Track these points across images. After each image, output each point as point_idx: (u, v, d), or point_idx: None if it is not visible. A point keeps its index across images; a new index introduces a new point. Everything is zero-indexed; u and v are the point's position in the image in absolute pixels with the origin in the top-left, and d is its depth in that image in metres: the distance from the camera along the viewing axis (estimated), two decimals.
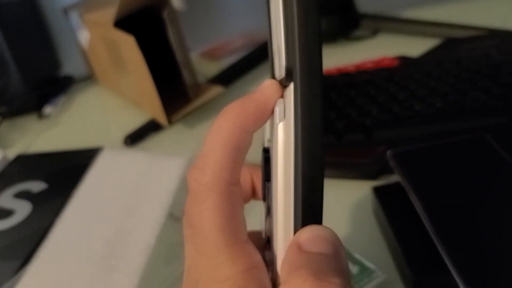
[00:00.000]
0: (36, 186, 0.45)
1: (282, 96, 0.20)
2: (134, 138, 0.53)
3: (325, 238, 0.18)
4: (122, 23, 0.51)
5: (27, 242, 0.38)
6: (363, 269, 0.33)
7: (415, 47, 0.58)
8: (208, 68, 0.68)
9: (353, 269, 0.33)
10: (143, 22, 0.55)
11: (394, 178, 0.37)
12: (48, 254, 0.33)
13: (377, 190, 0.36)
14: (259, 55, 0.64)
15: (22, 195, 0.44)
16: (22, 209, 0.42)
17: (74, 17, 0.64)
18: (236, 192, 0.19)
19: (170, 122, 0.53)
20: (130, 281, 0.29)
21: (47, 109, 0.64)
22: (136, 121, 0.56)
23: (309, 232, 0.18)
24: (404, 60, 0.54)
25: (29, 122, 0.64)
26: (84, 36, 0.64)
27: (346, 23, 0.65)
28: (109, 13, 0.53)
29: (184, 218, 0.20)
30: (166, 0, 0.53)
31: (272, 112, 0.20)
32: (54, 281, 0.31)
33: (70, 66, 0.75)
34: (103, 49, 0.59)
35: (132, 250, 0.32)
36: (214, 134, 0.20)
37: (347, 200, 0.40)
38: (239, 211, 0.20)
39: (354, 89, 0.50)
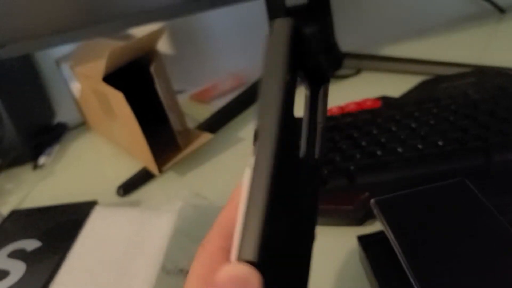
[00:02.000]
0: (30, 244, 0.46)
1: None
2: (127, 188, 0.54)
3: (234, 278, 0.19)
4: (110, 75, 0.53)
5: None
6: None
7: (397, 84, 0.60)
8: (198, 111, 0.70)
9: None
10: (131, 71, 0.57)
11: (378, 224, 0.38)
12: None
13: (362, 239, 0.37)
14: (248, 98, 0.66)
15: (16, 254, 0.45)
16: (17, 270, 0.43)
17: (65, 68, 0.66)
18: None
19: (160, 171, 0.54)
20: None
21: (42, 160, 0.65)
22: (128, 169, 0.58)
23: (223, 271, 0.19)
24: (386, 101, 0.56)
25: (24, 173, 0.65)
26: (75, 87, 0.66)
27: (330, 63, 0.67)
28: (98, 66, 0.55)
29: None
30: (154, 53, 0.55)
31: None
32: None
33: (64, 114, 0.77)
34: (94, 100, 0.61)
35: None
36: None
37: (334, 247, 0.41)
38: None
39: (338, 133, 0.51)
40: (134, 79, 0.55)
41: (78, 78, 0.62)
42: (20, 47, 0.56)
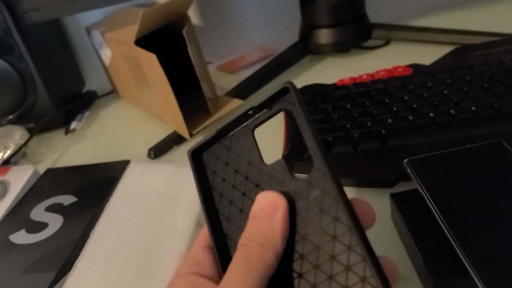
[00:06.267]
0: (66, 199, 0.47)
1: None
2: (157, 151, 0.55)
3: (266, 204, 0.24)
4: (142, 40, 0.53)
5: (60, 253, 0.40)
6: None
7: (427, 55, 0.59)
8: (225, 81, 0.70)
9: None
10: (163, 38, 0.57)
11: (411, 185, 0.38)
12: (86, 264, 0.35)
13: (395, 197, 0.38)
14: (275, 67, 0.66)
15: (54, 208, 0.46)
16: (55, 222, 0.44)
17: (95, 35, 0.67)
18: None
19: (191, 134, 0.55)
20: (165, 286, 0.31)
21: (73, 125, 0.67)
22: (158, 133, 0.59)
23: (257, 200, 0.25)
24: (417, 68, 0.55)
25: (56, 137, 0.67)
26: (106, 53, 0.66)
27: (359, 33, 0.67)
28: (130, 31, 0.55)
29: None
30: (186, 18, 0.55)
31: None
32: None
33: (93, 82, 0.78)
34: (125, 66, 0.62)
35: (165, 257, 0.33)
36: None
37: None
38: None
39: (369, 98, 0.51)
40: (165, 48, 0.55)
41: (109, 44, 0.63)
42: (53, 10, 0.57)
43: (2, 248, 0.42)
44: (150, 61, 0.51)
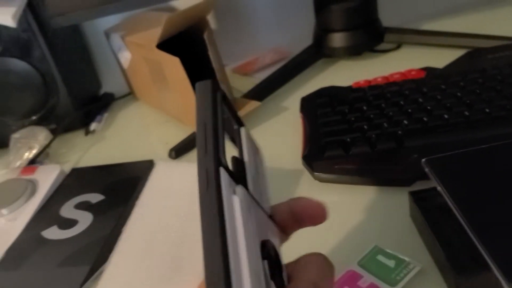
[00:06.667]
0: (94, 197, 0.49)
1: None
2: (178, 151, 0.57)
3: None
4: (161, 46, 0.55)
5: (92, 248, 0.42)
6: (399, 261, 0.36)
7: (438, 58, 0.61)
8: (239, 83, 0.72)
9: (390, 263, 0.36)
10: (182, 42, 0.59)
11: (427, 184, 0.39)
12: (121, 258, 0.36)
13: (414, 194, 0.39)
14: (289, 70, 0.68)
15: (82, 206, 0.48)
16: (84, 219, 0.46)
17: (115, 38, 0.69)
18: None
19: None
20: (197, 280, 0.33)
21: (93, 126, 0.69)
22: (176, 134, 0.60)
23: None
24: (430, 71, 0.57)
25: (76, 138, 0.68)
26: (125, 56, 0.68)
27: (372, 37, 0.69)
28: (151, 35, 0.57)
29: None
30: (205, 22, 0.57)
31: None
32: (129, 282, 0.34)
33: (109, 84, 0.80)
34: (144, 68, 0.64)
35: (196, 252, 0.35)
36: None
37: (383, 205, 0.43)
38: None
39: (384, 100, 0.53)
40: (184, 51, 0.57)
41: (129, 47, 0.65)
42: (77, 15, 0.59)
43: (35, 243, 0.44)
44: (172, 64, 0.53)
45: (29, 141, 0.61)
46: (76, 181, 0.53)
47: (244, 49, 0.81)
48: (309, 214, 0.27)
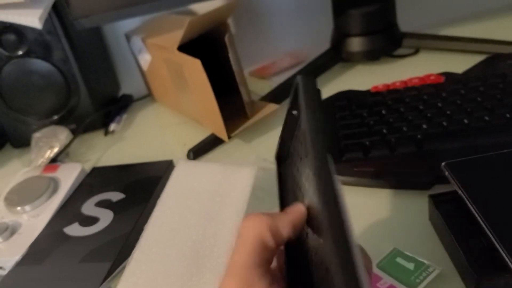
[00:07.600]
0: (114, 196, 0.50)
1: None
2: (197, 152, 0.57)
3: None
4: (180, 48, 0.56)
5: (114, 245, 0.43)
6: (418, 264, 0.36)
7: (456, 63, 0.61)
8: (256, 86, 0.73)
9: (409, 266, 0.36)
10: (198, 44, 0.60)
11: (447, 187, 0.39)
12: (142, 255, 0.37)
13: (434, 198, 0.39)
14: (308, 74, 0.68)
15: (103, 204, 0.49)
16: (105, 217, 0.47)
17: (136, 40, 0.70)
18: None
19: (229, 137, 0.57)
20: (217, 278, 0.33)
21: (112, 126, 0.70)
22: (194, 136, 0.61)
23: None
24: (450, 76, 0.57)
25: (96, 138, 0.70)
26: (145, 58, 0.69)
27: (390, 42, 0.69)
28: (172, 37, 0.58)
29: None
30: (225, 25, 0.58)
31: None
32: (150, 279, 0.35)
33: (128, 86, 0.81)
34: (164, 70, 0.64)
35: (217, 250, 0.36)
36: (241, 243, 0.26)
37: (402, 208, 0.43)
38: None
39: (403, 104, 0.53)
40: (204, 54, 0.58)
41: (150, 49, 0.66)
42: (100, 17, 0.60)
43: (58, 239, 0.45)
44: (193, 66, 0.54)
45: (50, 140, 0.63)
46: (97, 179, 0.54)
47: (261, 52, 0.81)
48: None
